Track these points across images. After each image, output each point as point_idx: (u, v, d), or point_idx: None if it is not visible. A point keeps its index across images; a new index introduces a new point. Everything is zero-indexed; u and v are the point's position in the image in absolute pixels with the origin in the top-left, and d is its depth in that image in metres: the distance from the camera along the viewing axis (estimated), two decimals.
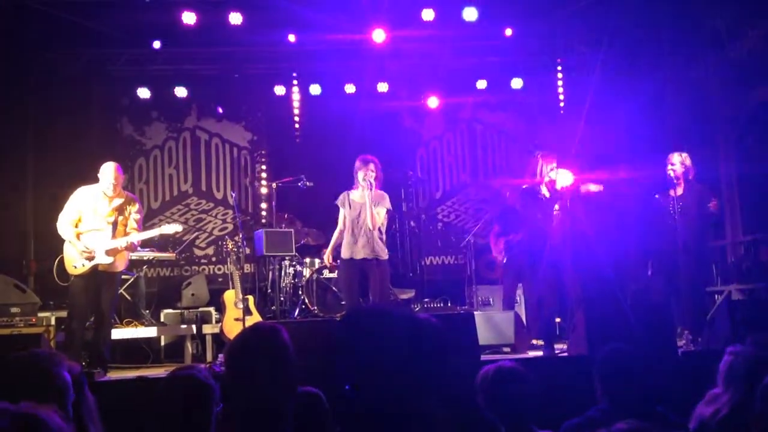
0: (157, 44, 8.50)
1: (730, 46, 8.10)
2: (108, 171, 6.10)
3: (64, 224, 6.03)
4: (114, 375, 6.02)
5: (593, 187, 6.37)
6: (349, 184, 6.70)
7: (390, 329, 1.41)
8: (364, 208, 6.48)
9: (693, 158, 6.63)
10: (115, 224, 6.11)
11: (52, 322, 7.10)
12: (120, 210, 6.16)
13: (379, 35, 8.32)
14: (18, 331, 6.65)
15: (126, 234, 6.17)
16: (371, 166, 6.51)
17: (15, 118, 8.45)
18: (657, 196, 6.56)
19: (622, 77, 8.86)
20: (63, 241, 6.07)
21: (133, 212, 6.27)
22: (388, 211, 6.66)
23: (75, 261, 5.99)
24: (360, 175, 6.49)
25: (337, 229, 6.78)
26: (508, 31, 8.55)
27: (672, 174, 6.47)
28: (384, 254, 6.58)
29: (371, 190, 6.46)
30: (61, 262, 6.24)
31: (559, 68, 9.57)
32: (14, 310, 6.96)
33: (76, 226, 6.06)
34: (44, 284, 7.86)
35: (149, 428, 2.49)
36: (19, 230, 8.54)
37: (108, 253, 6.01)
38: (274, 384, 2.28)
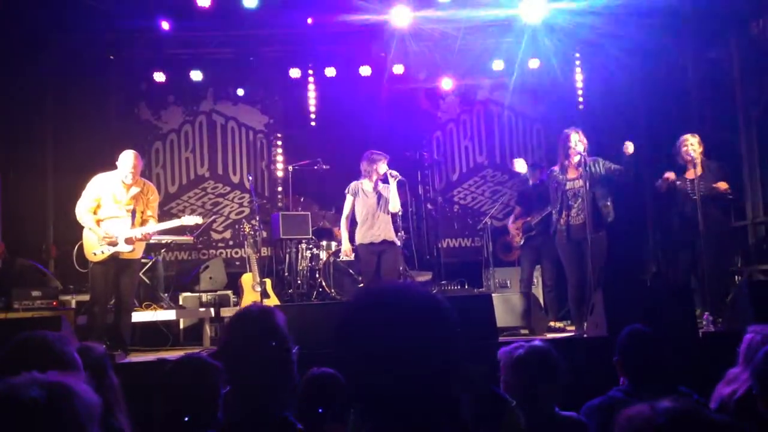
0: (165, 25, 8.28)
1: (752, 25, 7.95)
2: (127, 159, 6.08)
3: (83, 212, 6.03)
4: (134, 357, 6.07)
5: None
6: None
7: (409, 306, 1.37)
8: (380, 197, 6.83)
9: (714, 139, 6.50)
10: (133, 212, 6.12)
11: (73, 305, 7.18)
12: (138, 198, 6.17)
13: (399, 16, 8.22)
14: (39, 314, 6.70)
15: (144, 222, 6.18)
16: (386, 159, 6.86)
17: (33, 104, 8.48)
18: (678, 182, 6.43)
19: (641, 57, 8.74)
20: (82, 227, 6.09)
21: (151, 200, 6.29)
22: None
23: (94, 248, 6.00)
24: (380, 167, 6.80)
25: (343, 218, 7.01)
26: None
27: (689, 155, 6.36)
28: (396, 240, 6.96)
29: (396, 179, 6.77)
30: (81, 248, 6.27)
31: (577, 47, 9.44)
32: (35, 293, 7.02)
33: (95, 214, 6.06)
34: (64, 268, 7.92)
35: (158, 409, 2.49)
36: (39, 215, 8.59)
37: (127, 241, 6.03)
38: (268, 363, 2.33)
